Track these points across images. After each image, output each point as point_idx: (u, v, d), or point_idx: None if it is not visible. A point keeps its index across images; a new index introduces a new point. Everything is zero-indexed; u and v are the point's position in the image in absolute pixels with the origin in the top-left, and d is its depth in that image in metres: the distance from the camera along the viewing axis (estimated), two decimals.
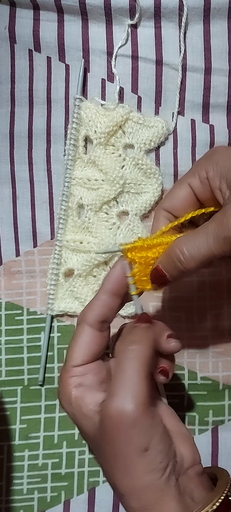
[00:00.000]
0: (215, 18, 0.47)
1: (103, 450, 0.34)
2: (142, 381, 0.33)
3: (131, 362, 0.33)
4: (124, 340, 0.36)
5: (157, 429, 0.33)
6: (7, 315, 0.50)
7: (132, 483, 0.33)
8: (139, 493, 0.32)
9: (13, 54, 0.49)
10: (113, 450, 0.33)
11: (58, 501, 0.49)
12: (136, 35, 0.48)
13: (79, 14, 0.47)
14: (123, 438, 0.32)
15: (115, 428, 0.32)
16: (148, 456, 0.32)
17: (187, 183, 0.40)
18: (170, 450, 0.34)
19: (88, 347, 0.36)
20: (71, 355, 0.36)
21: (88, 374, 0.36)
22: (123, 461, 0.33)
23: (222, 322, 0.49)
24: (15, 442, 0.49)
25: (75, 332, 0.37)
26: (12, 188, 0.50)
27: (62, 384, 0.36)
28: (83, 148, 0.49)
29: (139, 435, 0.32)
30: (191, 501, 0.33)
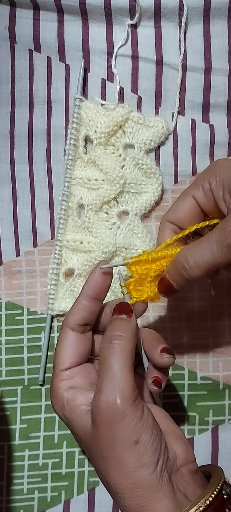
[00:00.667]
0: (215, 18, 0.47)
1: (96, 448, 0.34)
2: (127, 375, 0.34)
3: (114, 357, 0.34)
4: (105, 336, 0.36)
5: (146, 422, 0.34)
6: (7, 315, 0.50)
7: (124, 480, 0.33)
8: (132, 490, 0.33)
9: (13, 54, 0.49)
10: (105, 446, 0.33)
11: (58, 501, 0.49)
12: (136, 35, 0.48)
13: (79, 14, 0.47)
14: (113, 432, 0.33)
15: (105, 423, 0.33)
16: (138, 449, 0.33)
17: (191, 195, 0.40)
18: (160, 445, 0.34)
19: (73, 350, 0.37)
20: (58, 359, 0.37)
21: (77, 376, 0.37)
22: (114, 457, 0.33)
23: (222, 322, 0.49)
24: (16, 442, 0.49)
25: (59, 336, 0.38)
26: (12, 188, 0.50)
27: (53, 389, 0.37)
28: (83, 148, 0.49)
29: (128, 428, 0.33)
30: (185, 498, 0.33)
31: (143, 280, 0.38)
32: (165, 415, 0.38)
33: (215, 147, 0.49)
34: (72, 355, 0.37)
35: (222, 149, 0.49)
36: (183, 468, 0.35)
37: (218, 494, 0.33)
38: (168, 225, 0.41)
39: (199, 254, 0.36)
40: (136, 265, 0.38)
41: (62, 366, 0.37)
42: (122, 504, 0.34)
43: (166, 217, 0.42)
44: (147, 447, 0.33)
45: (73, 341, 0.38)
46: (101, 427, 0.33)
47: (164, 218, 0.42)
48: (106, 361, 0.34)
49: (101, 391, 0.33)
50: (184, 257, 0.37)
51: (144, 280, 0.38)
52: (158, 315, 0.49)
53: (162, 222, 0.42)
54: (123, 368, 0.34)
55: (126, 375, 0.34)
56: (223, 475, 0.35)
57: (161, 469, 0.33)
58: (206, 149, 0.49)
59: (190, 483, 0.34)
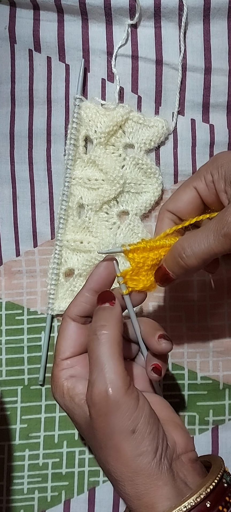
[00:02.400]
0: (215, 18, 0.47)
1: (95, 438, 0.34)
2: (116, 363, 0.34)
3: (101, 348, 0.34)
4: (90, 328, 0.36)
5: (142, 411, 0.34)
6: (7, 315, 0.50)
7: (124, 468, 0.33)
8: (132, 478, 0.33)
9: (13, 54, 0.49)
10: (103, 437, 0.34)
11: (58, 500, 0.49)
12: (136, 35, 0.48)
13: (79, 14, 0.47)
14: (109, 423, 0.33)
15: (100, 415, 0.33)
16: (135, 438, 0.33)
17: (193, 186, 0.40)
18: (158, 433, 0.34)
19: (74, 339, 0.38)
20: (59, 349, 0.38)
21: (77, 365, 0.38)
22: (113, 446, 0.33)
23: (222, 322, 0.49)
24: (16, 442, 0.49)
25: (61, 326, 0.39)
26: (12, 188, 0.50)
27: (53, 378, 0.38)
28: (83, 148, 0.49)
29: (124, 418, 0.33)
30: (185, 486, 0.33)
31: (139, 269, 0.38)
32: (165, 404, 0.38)
33: (215, 147, 0.49)
34: (73, 344, 0.38)
35: (222, 149, 0.49)
36: (183, 456, 0.35)
37: (219, 483, 0.33)
38: (167, 214, 0.41)
39: (195, 243, 0.36)
40: (133, 253, 0.38)
41: (63, 355, 0.38)
42: (122, 492, 0.34)
43: (166, 207, 0.41)
44: (144, 435, 0.33)
45: (74, 331, 0.38)
46: (97, 418, 0.33)
47: (163, 207, 0.41)
48: (94, 353, 0.34)
49: (93, 384, 0.33)
50: (181, 245, 0.37)
51: (141, 269, 0.38)
52: (158, 314, 0.49)
53: (161, 211, 0.42)
54: (111, 357, 0.34)
55: (115, 364, 0.34)
56: (223, 464, 0.36)
57: (160, 457, 0.33)
58: (206, 149, 0.49)
59: (190, 471, 0.35)
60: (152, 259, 0.38)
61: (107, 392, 0.33)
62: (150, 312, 0.49)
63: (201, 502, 0.32)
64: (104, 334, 0.34)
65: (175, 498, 0.32)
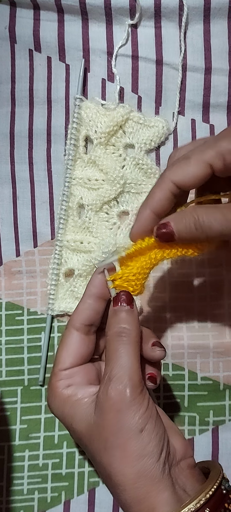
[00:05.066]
0: (215, 18, 0.47)
1: (100, 439, 0.34)
2: (136, 365, 0.35)
3: (124, 348, 0.35)
4: (111, 328, 0.36)
5: (151, 412, 0.35)
6: (7, 315, 0.50)
7: (127, 469, 0.33)
8: (134, 481, 0.33)
9: (14, 54, 0.49)
10: (110, 435, 0.34)
11: (58, 501, 0.49)
12: (136, 35, 0.48)
13: (79, 14, 0.47)
14: (120, 419, 0.33)
15: (112, 410, 0.34)
16: (143, 438, 0.33)
17: (208, 162, 0.35)
18: (164, 436, 0.35)
19: (75, 350, 0.38)
20: (59, 359, 0.38)
21: (76, 376, 0.38)
22: (119, 445, 0.33)
23: (223, 322, 0.49)
24: (16, 443, 0.49)
25: (63, 336, 0.38)
26: (13, 188, 0.50)
27: (51, 388, 0.38)
28: (83, 148, 0.49)
29: (135, 416, 0.34)
30: (184, 493, 0.33)
31: (129, 274, 0.38)
32: (162, 412, 0.38)
33: None
34: (73, 355, 0.38)
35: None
36: (181, 462, 0.35)
37: (218, 489, 0.34)
38: (170, 185, 0.36)
39: (213, 216, 0.34)
40: (127, 260, 0.38)
41: (62, 366, 0.38)
42: (122, 498, 0.34)
43: (171, 177, 0.36)
44: (151, 436, 0.34)
45: (76, 341, 0.38)
46: (108, 413, 0.34)
47: (167, 176, 0.36)
48: (116, 352, 0.35)
49: (111, 379, 0.34)
50: (197, 213, 0.35)
51: (130, 274, 0.38)
52: (158, 315, 0.49)
53: (164, 179, 0.37)
54: (132, 358, 0.35)
55: (135, 365, 0.35)
56: (221, 470, 0.36)
57: (163, 460, 0.34)
58: None
59: (188, 477, 0.35)
60: (141, 267, 0.38)
61: (126, 389, 0.34)
62: (150, 312, 0.49)
63: (200, 508, 0.32)
64: (127, 336, 0.35)
65: (175, 504, 0.33)
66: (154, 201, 0.37)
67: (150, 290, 0.49)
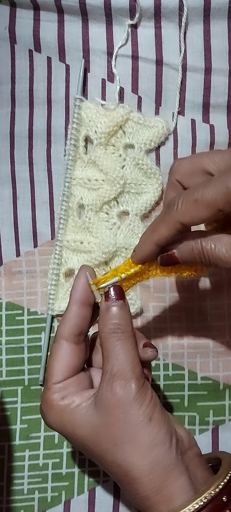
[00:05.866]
0: (215, 18, 0.47)
1: (108, 438, 0.34)
2: (136, 358, 0.36)
3: (122, 344, 0.35)
4: (105, 323, 0.36)
5: (156, 401, 0.35)
6: (7, 315, 0.50)
7: (141, 462, 0.33)
8: (150, 472, 0.33)
9: (13, 54, 0.49)
10: (119, 431, 0.34)
11: (58, 501, 0.49)
12: (136, 35, 0.48)
13: (79, 14, 0.47)
14: (127, 413, 0.34)
15: (119, 405, 0.34)
16: (152, 427, 0.34)
17: (218, 208, 0.34)
18: (171, 424, 0.35)
19: (67, 362, 0.37)
20: (52, 372, 0.37)
21: (70, 386, 0.37)
22: (129, 439, 0.34)
23: (223, 322, 0.49)
24: (16, 442, 0.49)
25: (53, 348, 0.38)
26: (13, 188, 0.50)
27: (46, 402, 0.37)
28: (83, 148, 0.49)
29: (142, 407, 0.34)
30: (196, 480, 0.34)
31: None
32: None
33: (215, 147, 0.49)
34: (66, 368, 0.37)
35: (222, 149, 0.49)
36: (188, 451, 0.36)
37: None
38: (178, 226, 0.36)
39: (219, 243, 0.34)
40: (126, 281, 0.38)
41: (56, 379, 0.37)
42: (140, 491, 0.34)
43: (179, 218, 0.36)
44: (160, 424, 0.34)
45: (67, 353, 0.37)
46: (114, 409, 0.34)
47: (175, 217, 0.36)
48: (114, 348, 0.35)
49: (114, 376, 0.35)
50: (201, 241, 0.35)
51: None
52: (158, 315, 0.49)
53: (170, 218, 0.36)
54: (132, 352, 0.35)
55: (135, 359, 0.35)
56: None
57: (175, 446, 0.34)
58: (206, 149, 0.49)
59: (198, 465, 0.35)
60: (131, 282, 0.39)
61: (130, 383, 0.34)
62: (150, 312, 0.49)
63: (217, 495, 0.33)
64: (123, 330, 0.36)
65: (190, 490, 0.33)
66: (158, 237, 0.37)
67: (150, 290, 0.49)
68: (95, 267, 0.48)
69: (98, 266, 0.49)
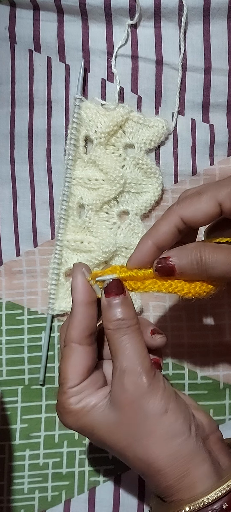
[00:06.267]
0: (215, 18, 0.47)
1: (126, 435, 0.34)
2: (144, 351, 0.35)
3: (128, 339, 0.35)
4: (109, 319, 0.35)
5: (170, 391, 0.35)
6: (8, 315, 0.50)
7: (162, 454, 0.33)
8: (171, 462, 0.33)
9: (13, 54, 0.49)
10: (136, 426, 0.34)
11: (59, 500, 0.49)
12: (135, 35, 0.48)
13: (79, 14, 0.47)
14: (142, 408, 0.33)
15: (132, 401, 0.34)
16: (169, 418, 0.33)
17: (217, 200, 0.35)
18: (188, 411, 0.35)
19: (82, 366, 0.36)
20: (66, 377, 0.36)
21: (86, 389, 0.36)
22: (147, 433, 0.33)
23: (223, 321, 0.49)
24: (16, 442, 0.49)
25: (64, 353, 0.37)
26: (13, 188, 0.50)
27: (63, 407, 0.36)
28: (83, 148, 0.49)
29: (156, 400, 0.34)
30: (219, 466, 0.34)
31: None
32: (178, 390, 0.38)
33: (215, 147, 0.49)
34: (81, 371, 0.36)
35: (222, 149, 0.49)
36: (211, 436, 0.36)
37: None
38: (177, 220, 0.36)
39: (218, 256, 0.35)
40: (125, 274, 0.37)
41: (71, 384, 0.36)
42: (163, 482, 0.34)
43: (179, 211, 0.36)
44: (176, 414, 0.34)
45: (81, 356, 0.36)
46: (129, 406, 0.34)
47: (175, 210, 0.36)
48: (121, 344, 0.35)
49: (125, 372, 0.34)
50: (200, 249, 0.35)
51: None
52: (158, 314, 0.49)
53: (170, 212, 0.36)
54: (139, 346, 0.35)
55: (143, 352, 0.35)
56: None
57: (195, 434, 0.34)
58: (206, 149, 0.49)
59: (220, 451, 0.35)
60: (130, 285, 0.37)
61: (141, 377, 0.34)
62: (150, 312, 0.49)
63: None
64: (128, 327, 0.35)
65: (214, 476, 0.33)
66: (157, 233, 0.37)
67: None
68: (95, 266, 0.48)
69: (98, 265, 0.49)
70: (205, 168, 0.49)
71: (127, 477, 0.49)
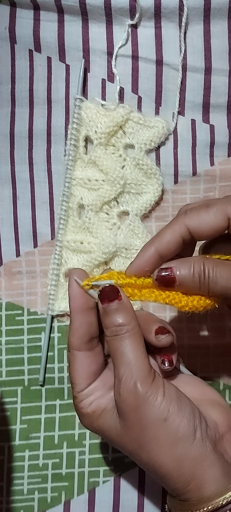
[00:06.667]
0: (215, 18, 0.47)
1: (131, 440, 0.34)
2: (141, 357, 0.34)
3: (125, 345, 0.34)
4: (106, 326, 0.35)
5: (170, 396, 0.34)
6: (7, 316, 0.50)
7: (167, 459, 0.33)
8: (177, 468, 0.33)
9: (14, 55, 0.49)
10: (139, 432, 0.33)
11: (58, 501, 0.49)
12: (136, 35, 0.48)
13: (79, 14, 0.47)
14: (142, 415, 0.33)
15: (131, 409, 0.33)
16: (170, 424, 0.33)
17: (227, 214, 0.35)
18: (194, 415, 0.34)
19: (85, 371, 0.36)
20: (74, 382, 0.37)
21: (96, 391, 0.36)
22: (150, 439, 0.33)
23: (223, 322, 0.49)
24: (16, 443, 0.49)
25: (68, 359, 0.37)
26: (13, 188, 0.50)
27: (77, 409, 0.37)
28: (83, 148, 0.49)
29: (154, 408, 0.33)
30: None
31: None
32: (196, 382, 0.37)
33: (215, 147, 0.49)
34: (85, 376, 0.36)
35: (222, 149, 0.49)
36: (227, 435, 0.35)
37: None
38: (183, 229, 0.36)
39: (221, 273, 0.35)
40: (123, 281, 0.36)
41: (79, 388, 0.36)
42: (170, 485, 0.33)
43: (186, 221, 0.36)
44: (178, 419, 0.33)
45: (82, 362, 0.36)
46: (129, 414, 0.33)
47: (182, 220, 0.36)
48: (117, 351, 0.34)
49: (120, 380, 0.34)
50: (203, 263, 0.35)
51: None
52: (158, 315, 0.49)
53: (177, 221, 0.36)
54: (135, 351, 0.34)
55: (140, 358, 0.34)
56: None
57: (201, 438, 0.33)
58: (206, 149, 0.49)
59: None
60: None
61: (136, 385, 0.33)
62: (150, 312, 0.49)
63: None
64: (125, 332, 0.34)
65: (223, 478, 0.32)
66: (161, 241, 0.36)
67: None
68: (95, 267, 0.48)
69: (98, 266, 0.49)
70: (205, 169, 0.49)
71: (126, 478, 0.49)
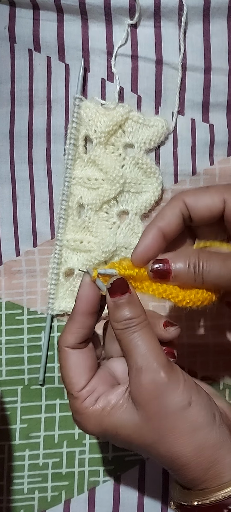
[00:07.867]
0: (215, 17, 0.47)
1: (151, 432, 0.34)
2: (157, 345, 0.34)
3: (139, 337, 0.34)
4: (117, 320, 0.34)
5: (191, 383, 0.34)
6: (7, 315, 0.50)
7: (186, 449, 0.33)
8: (197, 456, 0.32)
9: (13, 54, 0.49)
10: (159, 423, 0.33)
11: (58, 500, 0.49)
12: (135, 35, 0.48)
13: (79, 14, 0.47)
14: (163, 404, 0.33)
15: (152, 398, 0.33)
16: (192, 411, 0.33)
17: (223, 198, 0.36)
18: (211, 402, 0.34)
19: (82, 366, 0.36)
20: (71, 382, 0.36)
21: (98, 386, 0.36)
22: (171, 428, 0.33)
23: (223, 321, 0.49)
24: (16, 442, 0.49)
25: (61, 358, 0.36)
26: (12, 187, 0.50)
27: (80, 412, 0.35)
28: (83, 148, 0.49)
29: (176, 395, 0.33)
30: None
31: None
32: (198, 380, 0.37)
33: (215, 146, 0.49)
34: (83, 371, 0.36)
35: (222, 148, 0.49)
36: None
37: None
38: (181, 204, 0.37)
39: (214, 262, 0.35)
40: (125, 271, 0.36)
41: (79, 386, 0.35)
42: (189, 475, 0.33)
43: (184, 196, 0.37)
44: (199, 406, 0.33)
45: (79, 359, 0.36)
46: (149, 404, 0.33)
47: (180, 195, 0.37)
48: (131, 344, 0.34)
49: (141, 370, 0.33)
50: (198, 253, 0.35)
51: None
52: None
53: (175, 197, 0.37)
54: (152, 341, 0.34)
55: (157, 347, 0.34)
56: None
57: (219, 424, 0.33)
58: (206, 149, 0.49)
59: None
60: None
61: (159, 374, 0.33)
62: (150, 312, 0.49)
63: None
64: (136, 323, 0.34)
65: None
66: (162, 217, 0.37)
67: None
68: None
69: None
70: (205, 168, 0.49)
71: (126, 477, 0.49)
